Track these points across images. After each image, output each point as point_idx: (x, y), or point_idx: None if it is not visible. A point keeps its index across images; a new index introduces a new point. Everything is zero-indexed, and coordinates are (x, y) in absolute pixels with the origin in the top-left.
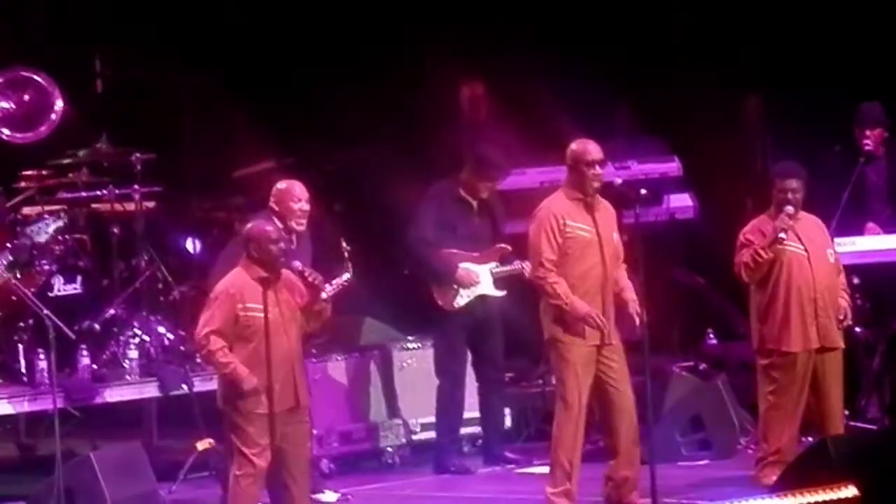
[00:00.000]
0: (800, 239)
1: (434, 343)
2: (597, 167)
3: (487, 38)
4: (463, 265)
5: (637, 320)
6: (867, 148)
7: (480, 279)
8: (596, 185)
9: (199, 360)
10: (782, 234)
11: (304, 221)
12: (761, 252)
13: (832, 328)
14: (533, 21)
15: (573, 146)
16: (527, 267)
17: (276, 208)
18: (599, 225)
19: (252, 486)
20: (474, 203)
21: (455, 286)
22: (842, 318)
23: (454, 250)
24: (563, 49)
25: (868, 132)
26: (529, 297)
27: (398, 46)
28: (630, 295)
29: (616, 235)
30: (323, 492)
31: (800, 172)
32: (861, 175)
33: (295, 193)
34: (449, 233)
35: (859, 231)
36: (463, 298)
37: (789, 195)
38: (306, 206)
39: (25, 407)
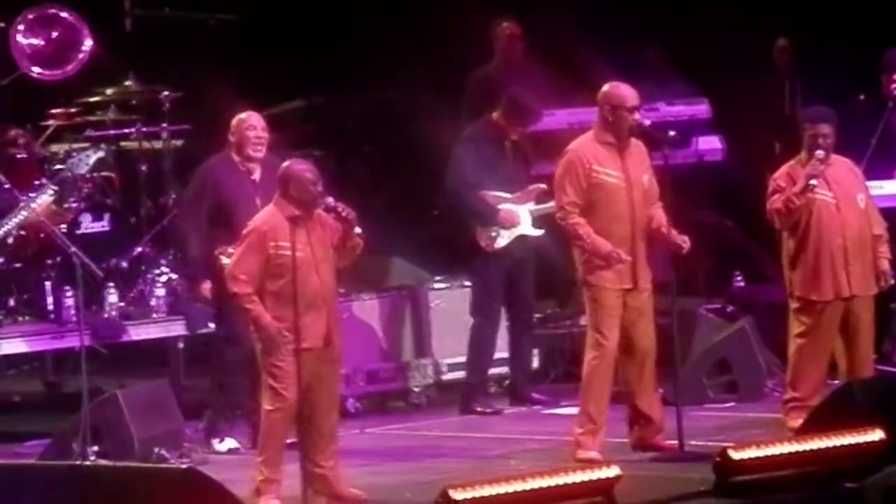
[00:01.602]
0: (829, 186)
1: (472, 284)
2: (635, 113)
3: None
4: (504, 206)
5: (684, 246)
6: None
7: (521, 219)
8: (631, 130)
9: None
10: (814, 182)
11: (260, 148)
12: (793, 199)
13: (863, 276)
14: None
15: (607, 89)
16: None
17: (233, 139)
18: (630, 168)
19: (283, 421)
20: (508, 144)
21: (497, 227)
22: (881, 282)
23: (493, 192)
24: None
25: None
26: (563, 237)
27: None
28: (662, 220)
29: (647, 177)
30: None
31: (831, 117)
32: (887, 121)
33: (251, 122)
34: (488, 174)
35: (888, 176)
36: (504, 239)
37: (820, 140)
38: (262, 134)
39: (52, 344)
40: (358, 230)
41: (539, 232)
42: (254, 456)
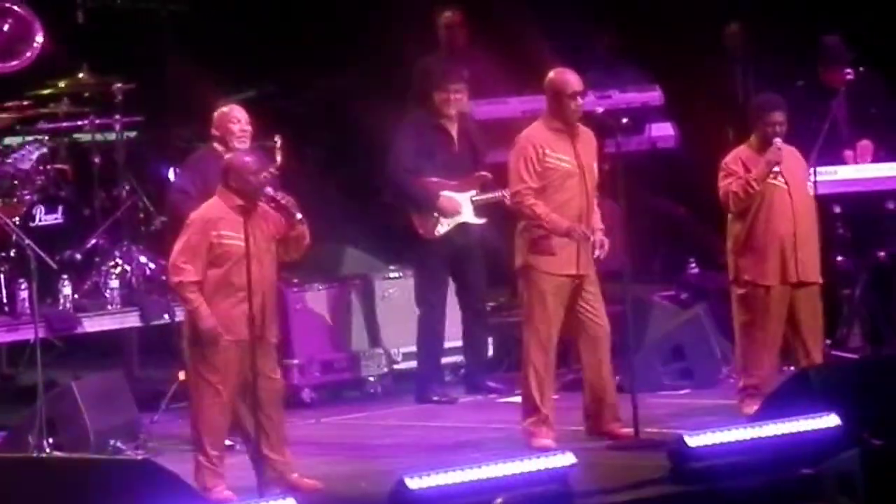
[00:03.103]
0: (781, 172)
1: (414, 272)
2: (578, 98)
3: None
4: (444, 193)
5: (598, 248)
6: (849, 78)
7: (462, 207)
8: (576, 115)
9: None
10: (776, 168)
11: (246, 141)
12: (753, 184)
13: (811, 263)
14: None
15: (552, 76)
16: (507, 195)
17: (217, 133)
18: (581, 154)
19: (219, 416)
20: (453, 130)
21: (436, 214)
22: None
23: (434, 178)
24: None
25: (838, 67)
26: (510, 225)
27: None
28: (597, 222)
29: (595, 165)
30: None
31: (782, 104)
32: (826, 107)
33: (234, 115)
34: (427, 160)
35: (832, 163)
36: (444, 227)
37: (777, 128)
38: (246, 127)
39: (7, 337)
40: (299, 216)
41: (481, 220)
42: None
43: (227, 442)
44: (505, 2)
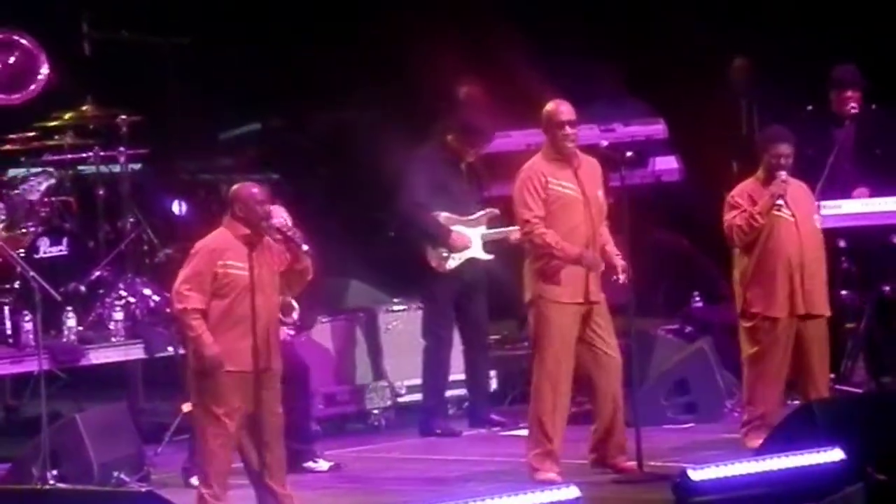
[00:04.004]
0: (787, 204)
1: (423, 305)
2: (567, 128)
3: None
4: (456, 228)
5: (621, 274)
6: (853, 111)
7: (472, 243)
8: (570, 145)
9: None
10: (780, 201)
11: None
12: (757, 217)
13: (818, 295)
14: None
15: (546, 107)
16: (515, 231)
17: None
18: (584, 183)
19: (223, 449)
20: (462, 166)
21: (447, 249)
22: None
23: (445, 213)
24: (549, 12)
25: (850, 93)
26: (515, 260)
27: (385, 7)
28: (612, 249)
29: (600, 193)
30: (315, 461)
31: (791, 137)
32: (830, 137)
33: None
34: (439, 195)
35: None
36: (454, 261)
37: (782, 160)
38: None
39: (11, 369)
40: (305, 248)
41: (489, 256)
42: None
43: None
44: (509, 34)
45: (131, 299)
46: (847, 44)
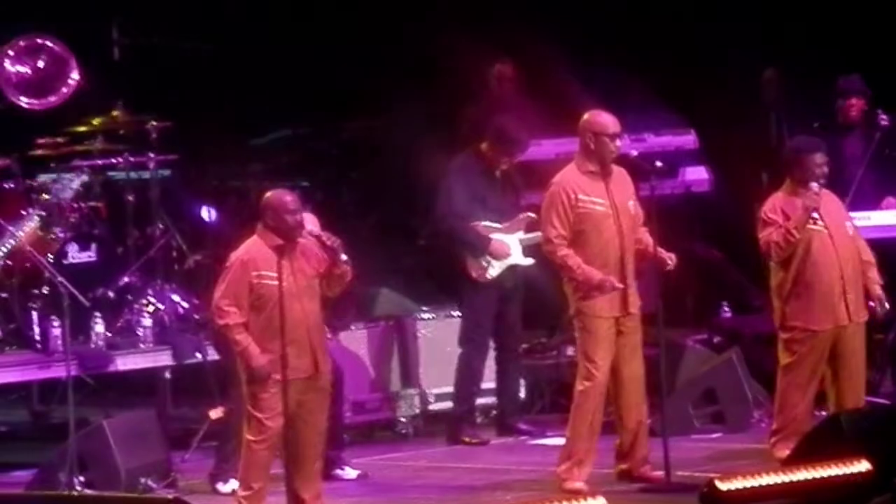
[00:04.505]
0: (820, 216)
1: (462, 314)
2: (616, 140)
3: (506, 8)
4: (495, 236)
5: (669, 263)
6: (852, 114)
7: (511, 249)
8: (612, 157)
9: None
10: (815, 214)
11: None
12: (794, 231)
13: (858, 302)
14: None
15: (588, 117)
16: None
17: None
18: (614, 195)
19: (265, 452)
20: (497, 174)
21: (488, 258)
22: (878, 308)
23: (484, 222)
24: (580, 21)
25: (854, 101)
26: (551, 266)
27: (418, 16)
28: (658, 250)
29: (632, 203)
30: (343, 468)
31: (822, 147)
32: (839, 147)
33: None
34: (478, 205)
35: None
36: (496, 269)
37: (817, 170)
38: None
39: (39, 374)
40: (344, 257)
41: (529, 261)
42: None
43: None
44: (540, 44)
45: (160, 305)
46: (874, 56)
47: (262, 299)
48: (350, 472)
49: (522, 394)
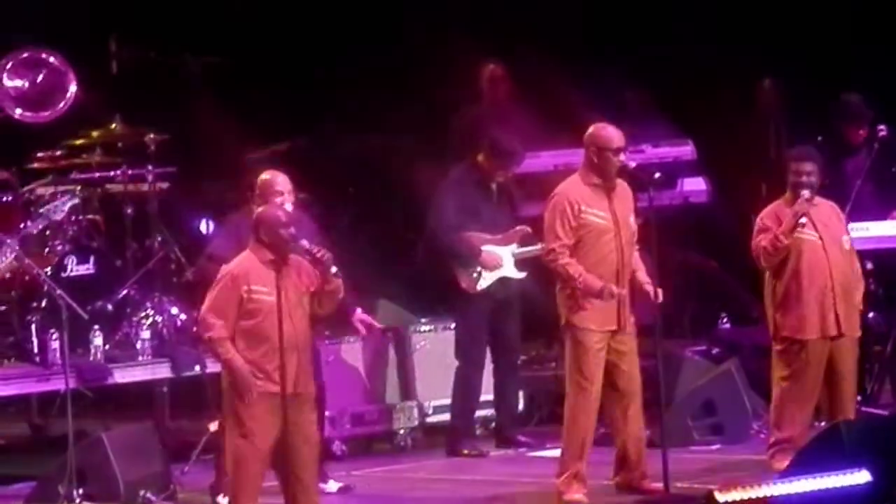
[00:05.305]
0: (814, 226)
1: (456, 326)
2: (619, 155)
3: (505, 19)
4: (486, 248)
5: (653, 297)
6: (857, 140)
7: (503, 261)
8: (616, 171)
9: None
10: (803, 220)
11: (289, 206)
12: (780, 237)
13: (850, 315)
14: (548, 3)
15: (593, 131)
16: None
17: (259, 200)
18: (616, 209)
19: (253, 467)
20: (493, 186)
21: (478, 269)
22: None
23: (476, 233)
24: (577, 31)
25: (856, 126)
26: (547, 279)
27: (417, 29)
28: (643, 276)
29: (632, 219)
30: (326, 482)
31: (815, 156)
32: (840, 165)
33: (278, 187)
34: (471, 216)
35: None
36: (486, 281)
37: (803, 178)
38: (290, 198)
39: (38, 387)
40: (334, 270)
41: (521, 274)
42: None
43: None
44: (538, 56)
45: (158, 318)
46: (871, 66)
47: (250, 312)
48: (332, 486)
49: (521, 406)
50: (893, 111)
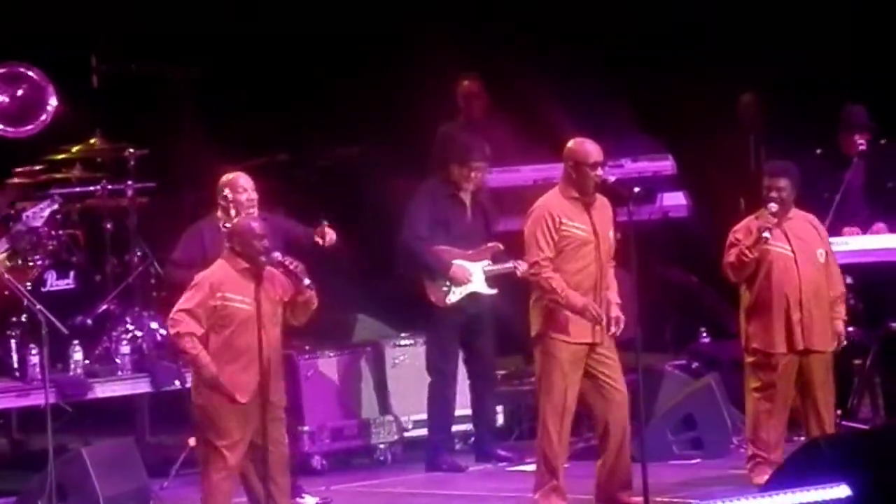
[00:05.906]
0: (788, 239)
1: (426, 340)
2: (597, 169)
3: (483, 34)
4: (456, 262)
5: (613, 325)
6: (861, 148)
7: (473, 277)
8: (595, 185)
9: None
10: (766, 234)
11: (254, 210)
12: (746, 252)
13: (819, 331)
14: (528, 17)
15: (572, 145)
16: (520, 266)
17: (223, 202)
18: (596, 223)
19: (225, 482)
20: (467, 200)
21: (448, 283)
22: (836, 343)
23: (447, 247)
24: (557, 45)
25: (858, 136)
26: (521, 295)
27: (394, 42)
28: (614, 297)
29: (611, 233)
30: (302, 496)
31: (789, 171)
32: (840, 178)
33: (240, 184)
34: (442, 230)
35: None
36: (455, 295)
37: (773, 193)
38: (253, 195)
39: (17, 402)
40: (307, 282)
41: (492, 291)
42: None
43: None
44: (519, 71)
45: (138, 333)
46: (857, 79)
47: (224, 321)
48: (308, 500)
49: (500, 420)
50: (889, 125)
